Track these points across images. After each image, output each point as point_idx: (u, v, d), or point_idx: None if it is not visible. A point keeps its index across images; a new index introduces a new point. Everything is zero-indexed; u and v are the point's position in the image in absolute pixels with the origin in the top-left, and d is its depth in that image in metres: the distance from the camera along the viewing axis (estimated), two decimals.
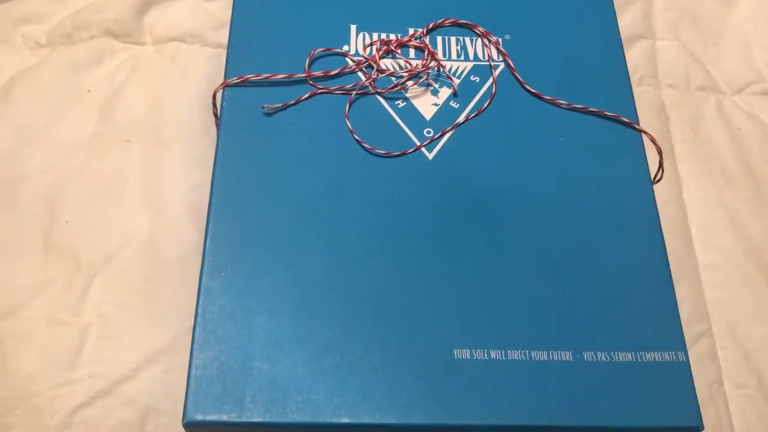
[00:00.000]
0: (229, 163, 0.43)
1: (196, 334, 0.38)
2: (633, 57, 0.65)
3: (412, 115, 0.46)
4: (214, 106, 0.49)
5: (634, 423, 0.37)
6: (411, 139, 0.45)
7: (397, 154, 0.44)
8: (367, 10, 0.50)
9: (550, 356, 0.38)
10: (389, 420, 0.36)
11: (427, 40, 0.49)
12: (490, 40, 0.49)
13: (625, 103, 0.47)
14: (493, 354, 0.38)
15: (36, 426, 0.46)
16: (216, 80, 0.56)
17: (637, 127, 0.46)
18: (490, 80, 0.47)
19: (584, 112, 0.46)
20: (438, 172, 0.43)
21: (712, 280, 0.55)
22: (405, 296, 0.39)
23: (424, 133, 0.45)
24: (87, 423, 0.47)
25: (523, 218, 0.42)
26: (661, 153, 0.47)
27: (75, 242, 0.52)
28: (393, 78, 0.47)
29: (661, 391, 0.37)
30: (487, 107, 0.46)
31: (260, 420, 0.35)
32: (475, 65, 0.48)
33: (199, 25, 0.63)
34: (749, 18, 0.70)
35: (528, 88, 0.47)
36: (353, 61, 0.47)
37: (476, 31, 0.49)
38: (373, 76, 0.46)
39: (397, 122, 0.45)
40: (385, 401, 0.36)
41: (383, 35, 0.49)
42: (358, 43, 0.48)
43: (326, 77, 0.46)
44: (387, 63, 0.48)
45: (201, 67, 0.61)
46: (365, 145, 0.44)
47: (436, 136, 0.45)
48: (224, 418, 0.35)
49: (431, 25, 0.49)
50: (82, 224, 0.53)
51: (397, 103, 0.46)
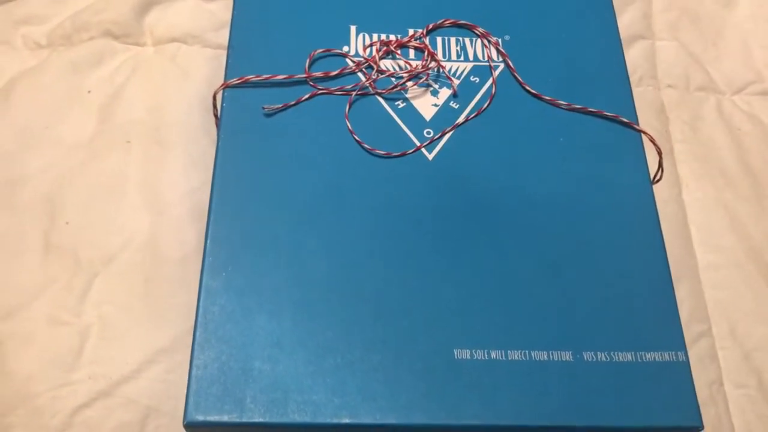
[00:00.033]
0: (230, 164, 0.43)
1: (197, 334, 0.38)
2: (632, 57, 0.65)
3: (412, 115, 0.46)
4: (214, 106, 0.49)
5: (634, 423, 0.37)
6: (411, 140, 0.45)
7: (397, 154, 0.44)
8: (367, 11, 0.50)
9: (550, 356, 0.38)
10: (390, 420, 0.36)
11: (427, 41, 0.49)
12: (489, 41, 0.49)
13: (624, 103, 0.47)
14: (493, 354, 0.38)
15: (36, 427, 0.46)
16: (216, 81, 0.56)
17: (637, 127, 0.46)
18: (490, 81, 0.47)
19: (584, 112, 0.46)
20: (438, 172, 0.43)
21: (711, 280, 0.55)
22: (405, 296, 0.39)
23: (424, 133, 0.45)
24: (87, 424, 0.47)
25: (523, 218, 0.42)
26: (660, 153, 0.47)
27: (75, 243, 0.52)
28: (393, 79, 0.47)
29: (661, 391, 0.37)
30: (486, 108, 0.46)
31: (261, 420, 0.35)
32: (474, 66, 0.48)
33: (200, 25, 0.64)
34: (749, 18, 0.70)
35: (528, 88, 0.47)
36: (353, 61, 0.47)
37: (476, 31, 0.49)
38: (373, 77, 0.46)
39: (397, 123, 0.45)
40: (386, 401, 0.36)
41: (383, 36, 0.49)
42: (358, 43, 0.48)
43: (326, 78, 0.46)
44: (387, 64, 0.48)
45: (201, 68, 0.61)
46: (365, 146, 0.44)
47: (436, 137, 0.45)
48: (225, 418, 0.35)
49: (431, 26, 0.49)
50: (83, 225, 0.53)
51: (397, 103, 0.46)
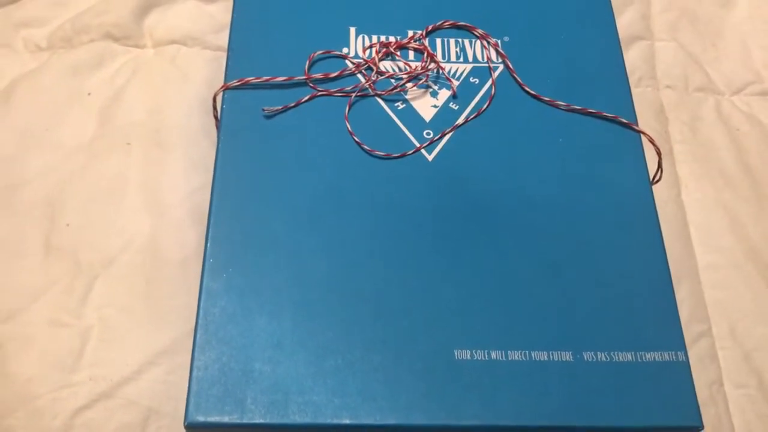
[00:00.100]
0: (230, 166, 0.43)
1: (198, 335, 0.38)
2: (631, 58, 0.65)
3: (411, 116, 0.46)
4: (214, 108, 0.49)
5: (634, 423, 0.37)
6: (410, 141, 0.45)
7: (396, 155, 0.44)
8: (366, 13, 0.50)
9: (550, 356, 0.38)
10: (390, 421, 0.36)
11: (427, 42, 0.49)
12: (489, 42, 0.49)
13: (623, 104, 0.47)
14: (493, 354, 0.38)
15: (37, 428, 0.46)
16: (216, 83, 0.56)
17: (636, 128, 0.46)
18: (489, 82, 0.47)
19: (583, 113, 0.46)
20: (438, 173, 0.44)
21: (711, 280, 0.55)
22: (405, 297, 0.39)
23: (424, 134, 0.45)
24: (88, 425, 0.47)
25: (522, 219, 0.42)
26: (660, 154, 0.47)
27: (76, 245, 0.52)
28: (392, 80, 0.47)
29: (661, 391, 0.37)
30: (486, 109, 0.46)
31: (261, 421, 0.36)
32: (474, 67, 0.48)
33: (199, 28, 0.64)
34: (747, 19, 0.70)
35: (527, 89, 0.47)
36: (353, 63, 0.47)
37: (475, 32, 0.50)
38: (373, 78, 0.47)
39: (396, 124, 0.45)
40: (386, 402, 0.36)
41: (383, 37, 0.49)
42: (357, 45, 0.48)
43: (326, 79, 0.46)
44: (386, 65, 0.48)
45: (201, 70, 0.61)
46: (365, 147, 0.44)
47: (436, 138, 0.45)
48: (225, 419, 0.35)
49: (430, 27, 0.49)
50: (83, 227, 0.53)
51: (396, 104, 0.46)
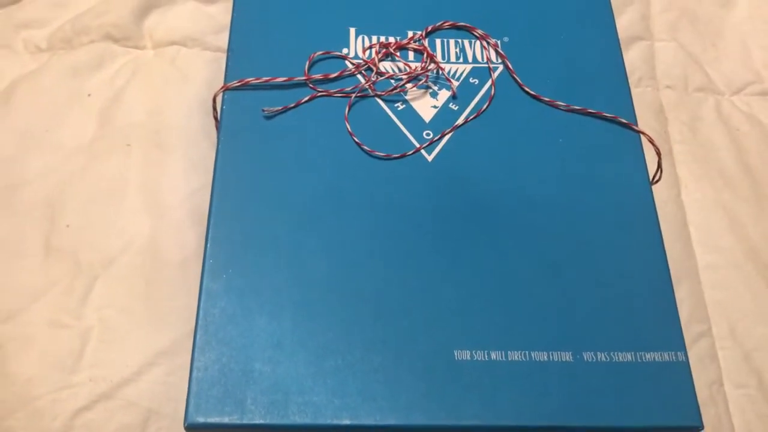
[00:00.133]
0: (230, 167, 0.43)
1: (198, 336, 0.38)
2: (631, 58, 0.66)
3: (411, 117, 0.46)
4: (214, 109, 0.49)
5: (634, 423, 0.37)
6: (410, 142, 0.45)
7: (396, 156, 0.44)
8: (366, 13, 0.50)
9: (550, 356, 0.38)
10: (390, 421, 0.36)
11: (426, 43, 0.49)
12: (488, 43, 0.49)
13: (623, 104, 0.47)
14: (493, 355, 0.38)
15: (37, 429, 0.46)
16: (216, 84, 0.56)
17: (636, 128, 0.46)
18: (489, 82, 0.47)
19: (583, 113, 0.46)
20: (437, 173, 0.44)
21: (711, 280, 0.55)
22: (405, 297, 0.39)
23: (424, 135, 0.45)
24: (88, 426, 0.47)
25: (522, 219, 0.42)
26: (659, 154, 0.47)
27: (76, 246, 0.52)
28: (392, 80, 0.47)
29: (661, 391, 0.37)
30: (486, 109, 0.46)
31: (261, 422, 0.36)
32: (473, 67, 0.48)
33: (199, 28, 0.64)
34: (747, 19, 0.70)
35: (527, 89, 0.47)
36: (353, 63, 0.47)
37: (475, 33, 0.50)
38: (373, 79, 0.47)
39: (396, 124, 0.45)
40: (386, 402, 0.36)
41: (382, 38, 0.49)
42: (357, 46, 0.48)
43: (326, 80, 0.46)
44: (386, 66, 0.48)
45: (201, 71, 0.61)
46: (365, 148, 0.44)
47: (436, 138, 0.45)
48: (225, 420, 0.35)
49: (430, 28, 0.49)
50: (83, 228, 0.53)
51: (396, 105, 0.46)
